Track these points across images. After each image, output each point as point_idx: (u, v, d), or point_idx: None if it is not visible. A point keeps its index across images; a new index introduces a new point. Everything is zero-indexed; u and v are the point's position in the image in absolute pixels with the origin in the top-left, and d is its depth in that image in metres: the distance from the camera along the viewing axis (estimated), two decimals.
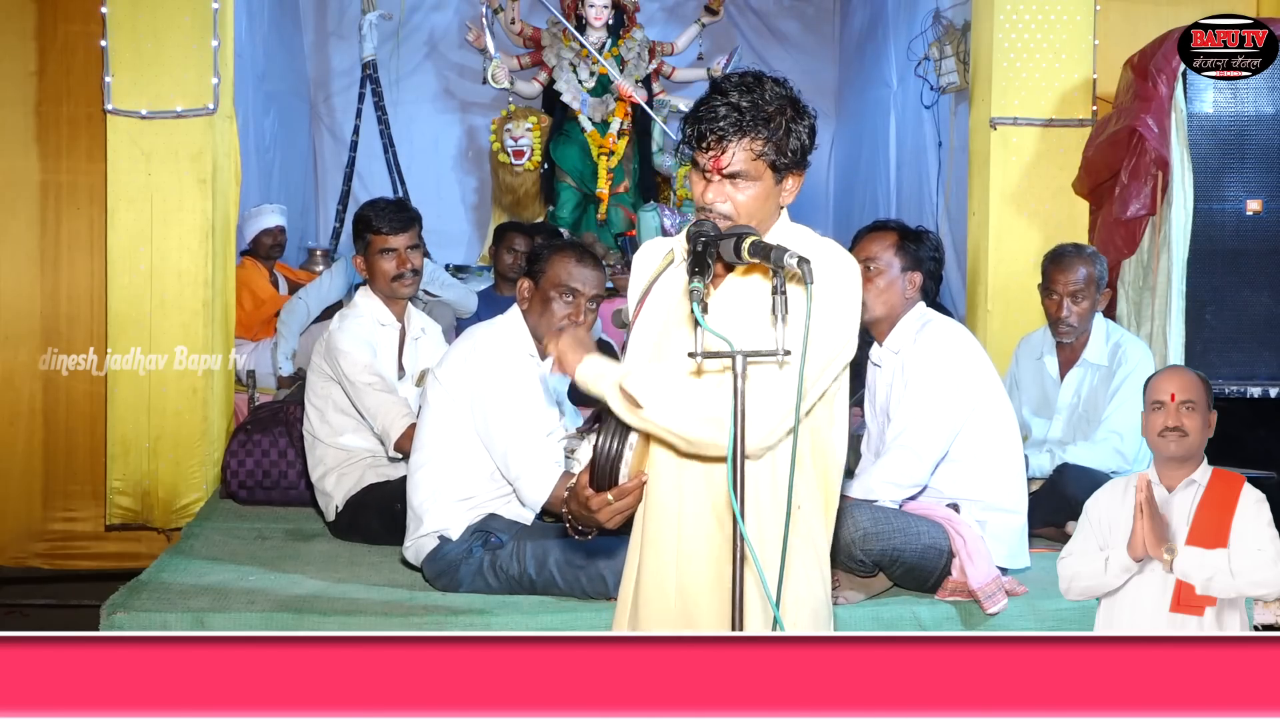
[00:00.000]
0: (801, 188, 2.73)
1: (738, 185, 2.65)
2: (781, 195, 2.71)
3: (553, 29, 8.73)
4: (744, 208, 2.65)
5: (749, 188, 2.65)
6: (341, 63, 10.13)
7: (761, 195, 2.66)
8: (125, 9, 5.90)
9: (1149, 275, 5.80)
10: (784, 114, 2.65)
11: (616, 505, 2.71)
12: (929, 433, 4.10)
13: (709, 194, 2.66)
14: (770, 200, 2.68)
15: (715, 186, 2.65)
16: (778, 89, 2.68)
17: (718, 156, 2.64)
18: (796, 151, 2.66)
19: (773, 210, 2.71)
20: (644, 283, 2.86)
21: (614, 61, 8.63)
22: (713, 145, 2.64)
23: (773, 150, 2.63)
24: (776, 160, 2.64)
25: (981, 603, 3.96)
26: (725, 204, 2.65)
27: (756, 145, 2.62)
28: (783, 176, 2.68)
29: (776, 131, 2.63)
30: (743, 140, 2.62)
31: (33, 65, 6.38)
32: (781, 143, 2.64)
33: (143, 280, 5.90)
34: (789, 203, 2.74)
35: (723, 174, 2.64)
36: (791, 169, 2.68)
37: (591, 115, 8.65)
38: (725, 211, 2.66)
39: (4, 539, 6.33)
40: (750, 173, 2.64)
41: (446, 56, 10.40)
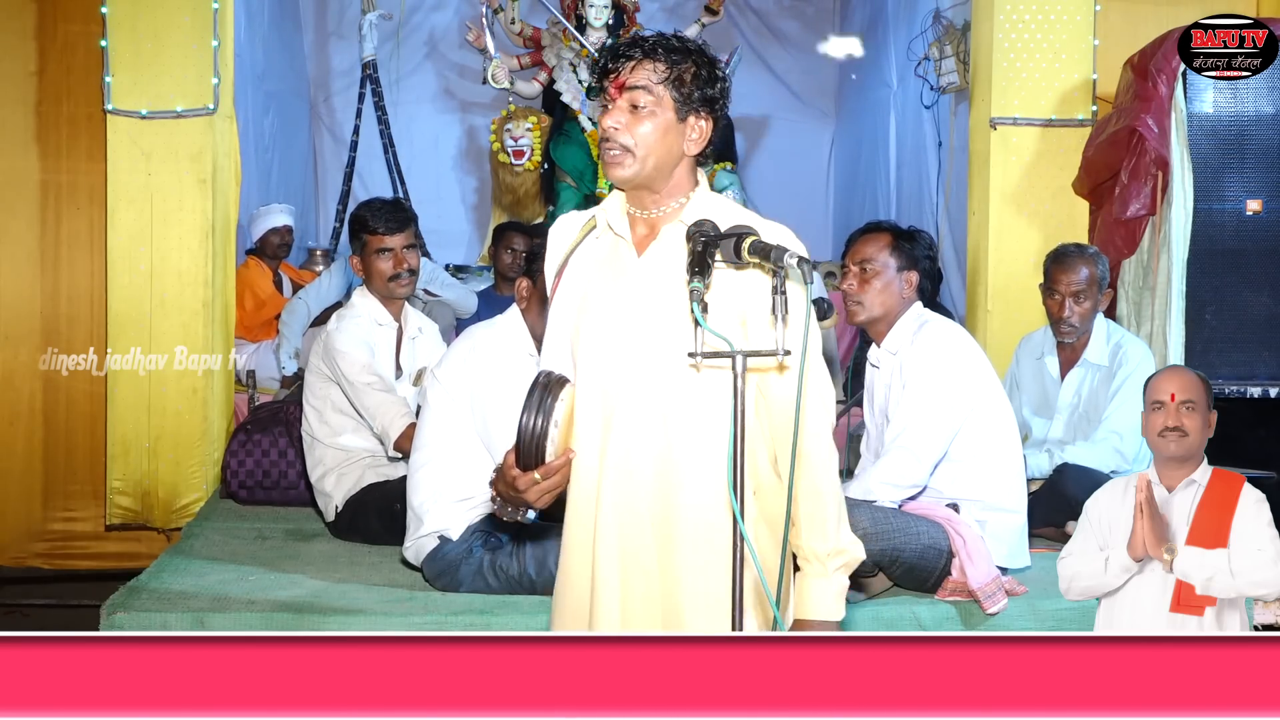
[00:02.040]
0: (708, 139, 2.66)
1: (638, 114, 2.59)
2: (686, 140, 2.63)
3: (553, 29, 8.73)
4: (643, 139, 2.58)
5: (649, 118, 2.59)
6: (341, 63, 10.13)
7: (663, 128, 2.59)
8: (125, 9, 5.91)
9: (1149, 275, 5.80)
10: (693, 55, 2.63)
11: (543, 485, 2.64)
12: (927, 433, 4.10)
13: (608, 119, 2.60)
14: (672, 138, 2.60)
15: (616, 112, 2.61)
16: (697, 44, 2.67)
17: (618, 76, 2.61)
18: (702, 91, 2.62)
19: (676, 153, 2.62)
20: (560, 257, 2.79)
21: None
22: (614, 68, 2.62)
23: (674, 79, 2.59)
24: (678, 93, 2.60)
25: (981, 603, 3.97)
26: (624, 134, 2.59)
27: (658, 69, 2.59)
28: (686, 114, 2.61)
29: (682, 64, 2.60)
30: (645, 60, 2.59)
31: (33, 65, 6.38)
32: (685, 75, 2.60)
33: (143, 280, 5.90)
34: (695, 152, 2.65)
35: (624, 91, 2.60)
36: (695, 109, 2.62)
37: (592, 115, 8.64)
38: (624, 143, 2.59)
39: (4, 539, 6.33)
40: (649, 99, 2.58)
41: (446, 56, 10.40)
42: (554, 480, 2.66)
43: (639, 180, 2.63)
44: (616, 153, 2.61)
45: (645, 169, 2.61)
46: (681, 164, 2.65)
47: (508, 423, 4.07)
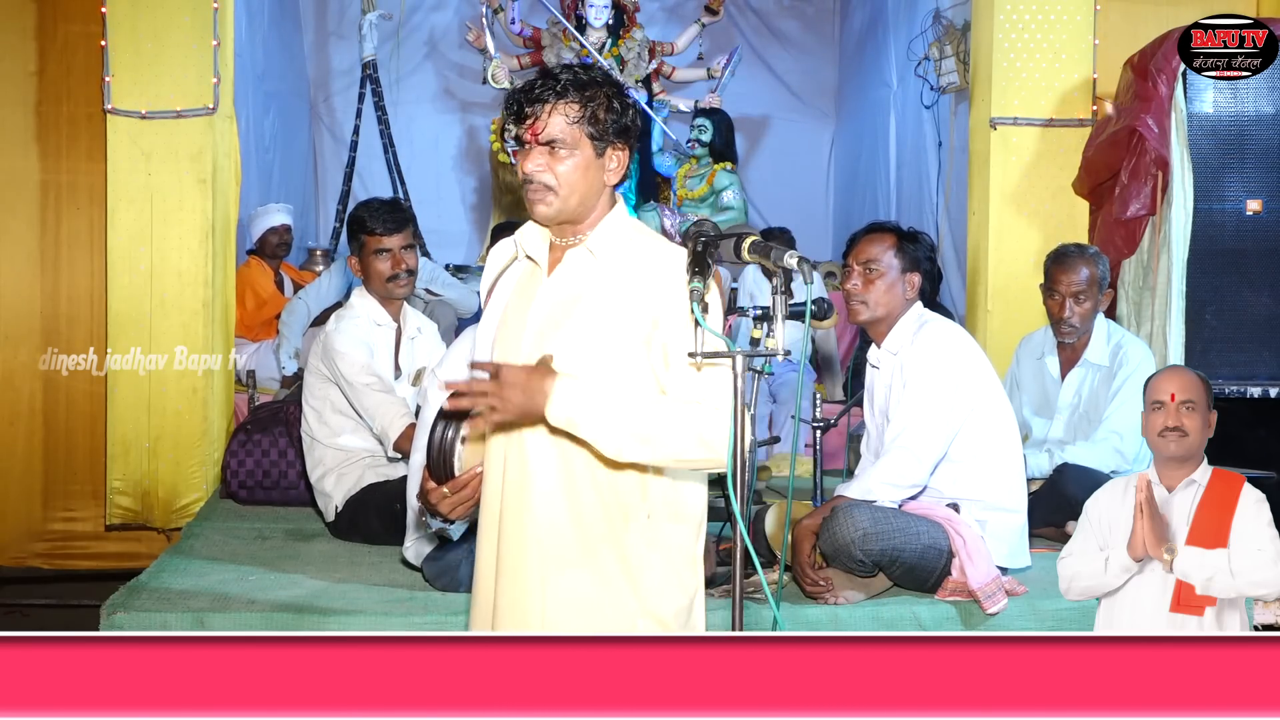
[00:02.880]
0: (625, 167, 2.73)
1: (556, 154, 2.64)
2: (606, 172, 2.70)
3: (552, 29, 8.73)
4: (565, 178, 2.65)
5: (569, 157, 2.65)
6: (341, 63, 10.14)
7: (582, 166, 2.66)
8: (125, 9, 5.91)
9: (1149, 275, 5.80)
10: (603, 87, 2.67)
11: (453, 498, 2.74)
12: (927, 433, 4.10)
13: (528, 163, 2.65)
14: (593, 173, 2.68)
15: (534, 155, 2.65)
16: (602, 73, 2.72)
17: (534, 122, 2.64)
18: (616, 124, 2.67)
19: (597, 186, 2.70)
20: (490, 279, 2.89)
21: (614, 62, 8.63)
22: (529, 114, 2.65)
23: (589, 118, 2.64)
24: (594, 130, 2.65)
25: (981, 603, 3.97)
26: (546, 174, 2.65)
27: (572, 110, 2.63)
28: (603, 149, 2.67)
29: (593, 100, 2.65)
30: (557, 104, 2.63)
31: (33, 65, 6.38)
32: (598, 112, 2.65)
33: (143, 280, 5.90)
34: (615, 182, 2.73)
35: (539, 140, 2.64)
36: (612, 142, 2.68)
37: None
38: (546, 182, 2.65)
39: (4, 539, 6.33)
40: (567, 140, 2.64)
41: (446, 56, 10.41)
42: (464, 494, 2.74)
43: (562, 217, 2.70)
44: (539, 192, 2.67)
45: (568, 206, 2.68)
46: (602, 194, 2.73)
47: None
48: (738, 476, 3.25)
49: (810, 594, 4.04)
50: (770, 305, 3.46)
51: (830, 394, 7.38)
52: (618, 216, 2.75)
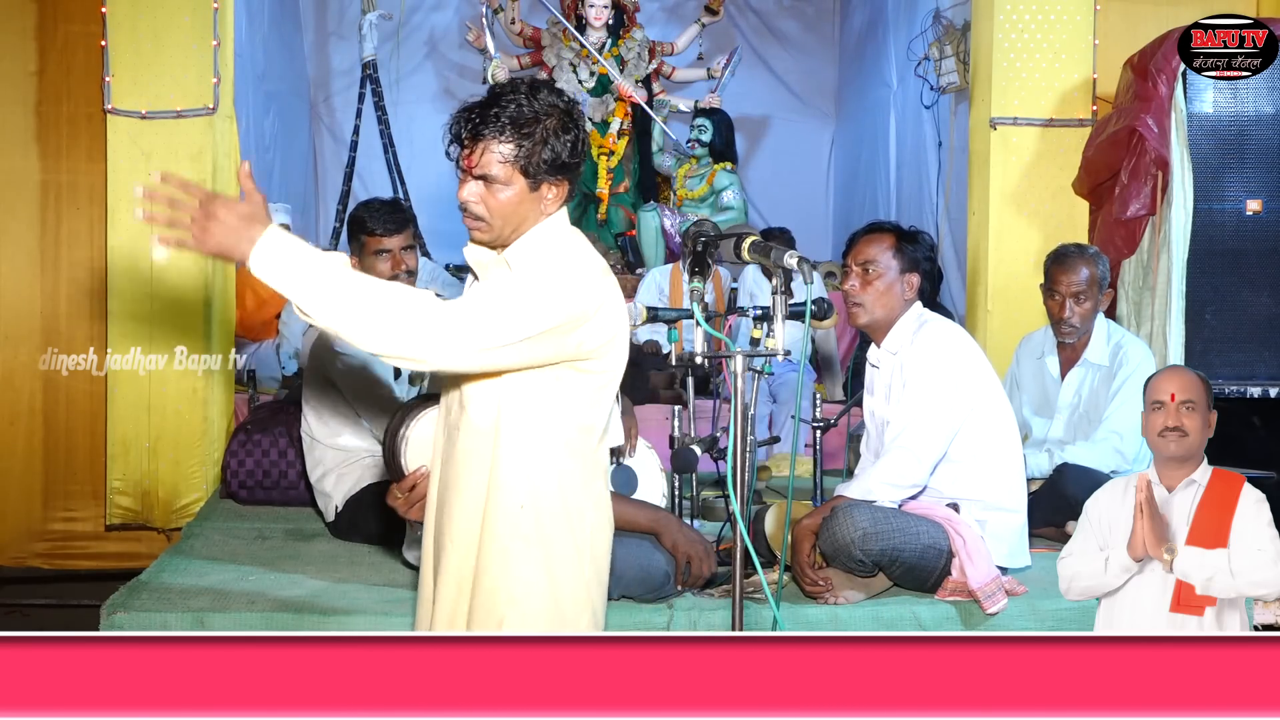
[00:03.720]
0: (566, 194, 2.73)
1: (490, 188, 2.66)
2: (542, 203, 2.70)
3: (553, 29, 8.74)
4: (497, 211, 2.66)
5: (502, 191, 2.65)
6: (341, 63, 10.14)
7: (515, 201, 2.66)
8: (125, 9, 5.91)
9: (1149, 275, 5.80)
10: (544, 122, 2.66)
11: (405, 498, 2.81)
12: (927, 433, 4.10)
13: (463, 191, 2.68)
14: (527, 206, 2.68)
15: (469, 186, 2.67)
16: (551, 99, 2.69)
17: (469, 155, 2.66)
18: (550, 162, 2.66)
19: (535, 216, 2.70)
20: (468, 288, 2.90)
21: (614, 61, 8.64)
22: (466, 143, 2.67)
23: (523, 157, 2.64)
24: (527, 167, 2.65)
25: (981, 602, 3.97)
26: (479, 205, 2.67)
27: (505, 148, 2.63)
28: (538, 184, 2.67)
29: (530, 138, 2.64)
30: (491, 142, 2.63)
31: (33, 65, 6.37)
32: (534, 151, 2.64)
33: (143, 280, 5.90)
34: (553, 212, 2.73)
35: (474, 174, 2.66)
36: (547, 178, 2.68)
37: (591, 115, 8.66)
38: (479, 213, 2.68)
39: (4, 539, 6.33)
40: (501, 176, 2.64)
41: (446, 56, 10.41)
42: (415, 494, 2.80)
43: (499, 242, 2.72)
44: (472, 220, 2.69)
45: (502, 235, 2.70)
46: (543, 219, 2.72)
47: None
48: (738, 476, 3.26)
49: (810, 594, 4.04)
50: (770, 305, 3.46)
51: (830, 394, 7.38)
52: (542, 230, 2.72)
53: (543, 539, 2.68)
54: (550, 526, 2.68)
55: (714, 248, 3.56)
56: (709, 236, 3.56)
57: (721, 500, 5.15)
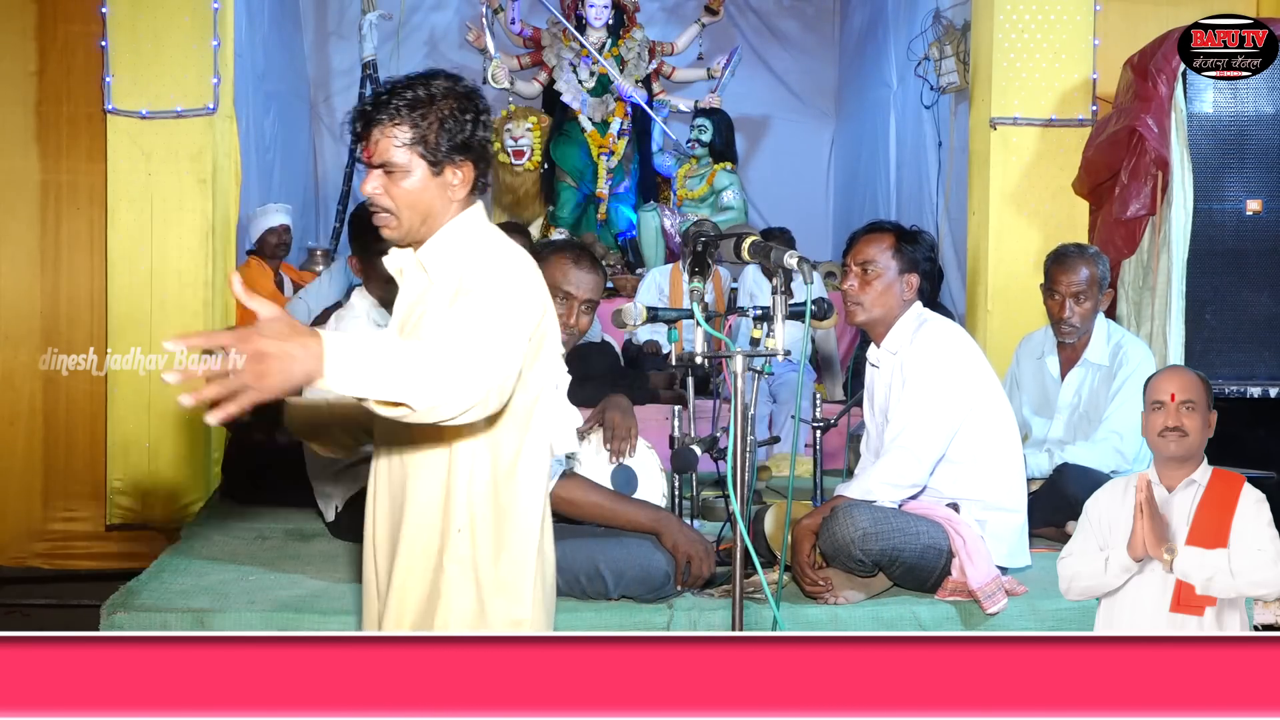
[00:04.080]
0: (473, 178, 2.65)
1: (393, 177, 2.60)
2: (449, 190, 2.64)
3: (552, 29, 8.74)
4: (403, 200, 2.61)
5: (403, 179, 2.59)
6: (341, 63, 10.13)
7: (419, 188, 2.60)
8: (125, 9, 5.92)
9: (1149, 275, 5.80)
10: (439, 103, 2.60)
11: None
12: (927, 433, 4.10)
13: (365, 186, 2.62)
14: (432, 194, 2.62)
15: (371, 178, 2.62)
16: (447, 83, 2.64)
17: (367, 147, 2.62)
18: (451, 142, 2.60)
19: (443, 204, 2.64)
20: None
21: (614, 61, 8.64)
22: (362, 135, 2.63)
23: (420, 139, 2.58)
24: (426, 151, 2.59)
25: (981, 602, 3.96)
26: (383, 198, 2.61)
27: (401, 132, 2.58)
28: (441, 168, 2.61)
29: (425, 119, 2.58)
30: (387, 128, 2.58)
31: (33, 65, 6.38)
32: (430, 132, 2.58)
33: (143, 280, 5.91)
34: (462, 197, 2.66)
35: (373, 164, 2.61)
36: (449, 160, 2.61)
37: (591, 115, 8.66)
38: (384, 205, 2.62)
39: (4, 539, 6.34)
40: (399, 163, 2.59)
41: (447, 56, 10.40)
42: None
43: (410, 237, 2.67)
44: (380, 215, 2.64)
45: (413, 227, 2.64)
46: (452, 209, 2.66)
47: None
48: (738, 476, 3.26)
49: (810, 594, 4.04)
50: (770, 305, 3.46)
51: (830, 394, 7.38)
52: (457, 225, 2.67)
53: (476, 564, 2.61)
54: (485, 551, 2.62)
55: (714, 248, 3.56)
56: (709, 236, 3.56)
57: (721, 500, 5.15)
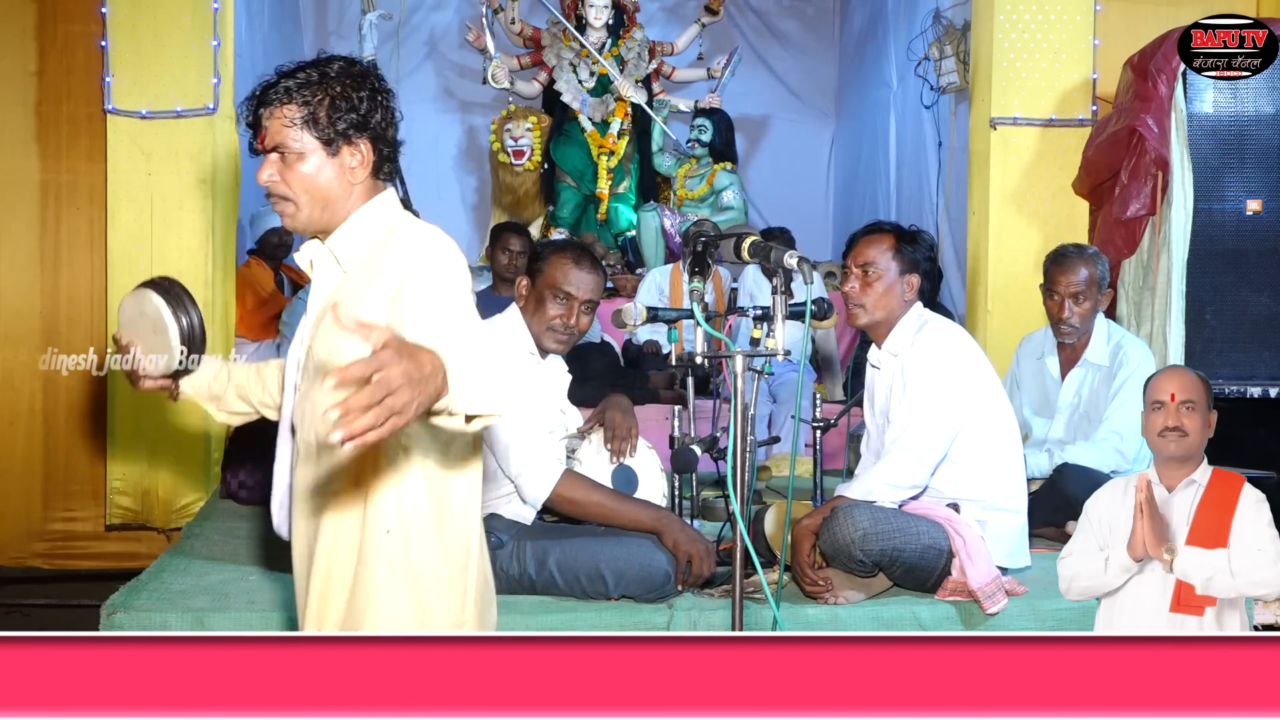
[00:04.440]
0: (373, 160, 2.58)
1: (287, 161, 2.54)
2: (348, 172, 2.57)
3: (553, 29, 8.74)
4: (299, 186, 2.55)
5: (298, 162, 2.53)
6: None
7: (315, 171, 2.54)
8: (125, 9, 5.92)
9: (1149, 275, 5.80)
10: (329, 82, 2.55)
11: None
12: (928, 434, 4.10)
13: (261, 174, 2.56)
14: (331, 176, 2.56)
15: (266, 164, 2.56)
16: (340, 64, 2.59)
17: (261, 130, 2.56)
18: (345, 120, 2.54)
19: (344, 188, 2.58)
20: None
21: (614, 61, 8.65)
22: (254, 124, 2.57)
23: (310, 119, 2.52)
24: (319, 132, 2.53)
25: (981, 603, 3.96)
26: (280, 185, 2.56)
27: (291, 112, 2.52)
28: (336, 148, 2.54)
29: (315, 98, 2.53)
30: (276, 110, 2.53)
31: (33, 65, 6.37)
32: (320, 110, 2.52)
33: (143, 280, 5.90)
34: (362, 178, 2.58)
35: (266, 149, 2.55)
36: (346, 139, 2.55)
37: (591, 115, 8.66)
38: (281, 193, 2.57)
39: (4, 539, 6.33)
40: (293, 146, 2.53)
41: (446, 56, 10.41)
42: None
43: (313, 225, 2.60)
44: (279, 203, 2.58)
45: (314, 214, 2.58)
46: (354, 193, 2.59)
47: (508, 420, 4.10)
48: (738, 476, 3.26)
49: (810, 594, 4.04)
50: (770, 305, 3.47)
51: (830, 394, 7.38)
52: (366, 212, 2.60)
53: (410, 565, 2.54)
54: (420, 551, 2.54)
55: (714, 248, 3.56)
56: (709, 236, 3.56)
57: (721, 500, 5.15)
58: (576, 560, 4.01)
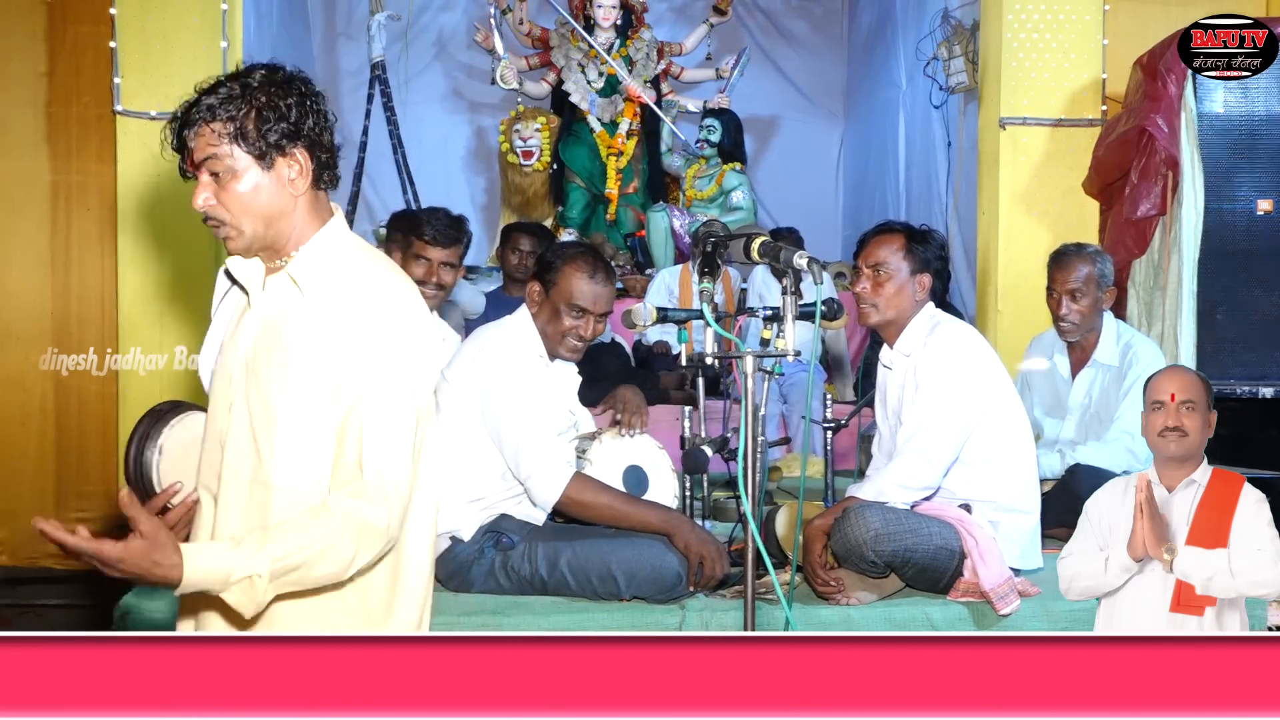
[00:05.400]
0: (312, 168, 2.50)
1: (221, 181, 2.43)
2: (285, 184, 2.47)
3: (561, 30, 8.74)
4: (238, 207, 2.44)
5: (233, 181, 2.43)
6: (350, 64, 10.14)
7: (252, 189, 2.44)
8: (134, 10, 5.93)
9: (1159, 275, 5.79)
10: (253, 92, 2.43)
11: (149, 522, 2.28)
12: (940, 435, 4.09)
13: (196, 198, 2.45)
14: (270, 192, 2.46)
15: (201, 188, 2.45)
16: (263, 73, 2.47)
17: (188, 157, 2.46)
18: (274, 130, 2.43)
19: (285, 202, 2.48)
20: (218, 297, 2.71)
21: (622, 62, 8.64)
22: (180, 147, 2.48)
23: (237, 133, 2.41)
24: (249, 146, 2.42)
25: (994, 603, 3.96)
26: (216, 208, 2.45)
27: (218, 128, 2.41)
28: (271, 161, 2.44)
29: (240, 110, 2.41)
30: (202, 128, 2.43)
31: (43, 66, 6.40)
32: (249, 121, 2.41)
33: (153, 280, 5.91)
34: (302, 190, 2.49)
35: (198, 170, 2.45)
36: (279, 150, 2.44)
37: (600, 116, 8.66)
38: (219, 216, 2.46)
39: (17, 539, 6.34)
40: (224, 163, 2.42)
41: (455, 57, 10.42)
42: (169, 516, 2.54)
43: (257, 245, 2.50)
44: (219, 227, 2.48)
45: (257, 232, 2.48)
46: (298, 206, 2.51)
47: (518, 422, 4.10)
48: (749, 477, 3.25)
49: (822, 595, 4.04)
50: (780, 305, 3.46)
51: (840, 394, 7.37)
52: (328, 235, 2.53)
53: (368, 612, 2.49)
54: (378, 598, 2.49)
55: (724, 248, 3.55)
56: (718, 237, 3.56)
57: (733, 501, 5.15)
58: (588, 561, 4.01)
